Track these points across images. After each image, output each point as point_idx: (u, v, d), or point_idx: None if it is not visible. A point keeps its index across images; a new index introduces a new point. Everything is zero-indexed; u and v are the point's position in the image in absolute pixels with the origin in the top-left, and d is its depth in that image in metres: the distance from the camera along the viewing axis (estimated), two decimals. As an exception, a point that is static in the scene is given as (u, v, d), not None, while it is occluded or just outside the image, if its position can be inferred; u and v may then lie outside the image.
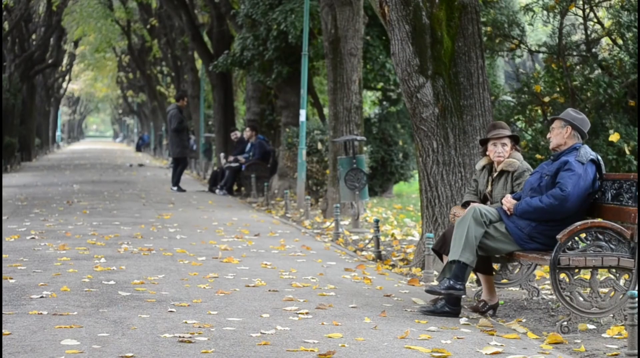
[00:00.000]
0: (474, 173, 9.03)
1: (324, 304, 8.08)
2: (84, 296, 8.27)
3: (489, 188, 8.47)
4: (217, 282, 9.22)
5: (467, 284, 8.97)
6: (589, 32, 12.68)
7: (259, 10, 21.51)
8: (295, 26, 20.28)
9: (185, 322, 7.20)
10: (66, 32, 45.41)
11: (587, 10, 12.55)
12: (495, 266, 8.38)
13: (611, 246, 7.34)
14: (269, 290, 8.79)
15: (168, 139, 29.43)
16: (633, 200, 7.39)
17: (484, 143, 8.57)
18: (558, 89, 12.53)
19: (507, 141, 8.43)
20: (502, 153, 8.39)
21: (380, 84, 23.07)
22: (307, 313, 7.61)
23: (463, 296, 7.92)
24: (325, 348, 6.44)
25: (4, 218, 15.11)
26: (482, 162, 8.61)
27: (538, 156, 12.04)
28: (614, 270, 7.37)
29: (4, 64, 34.81)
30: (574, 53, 12.80)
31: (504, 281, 8.83)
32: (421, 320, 7.62)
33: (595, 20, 12.75)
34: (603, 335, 7.26)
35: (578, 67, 12.78)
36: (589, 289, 7.36)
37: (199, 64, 35.55)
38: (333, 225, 14.15)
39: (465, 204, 8.48)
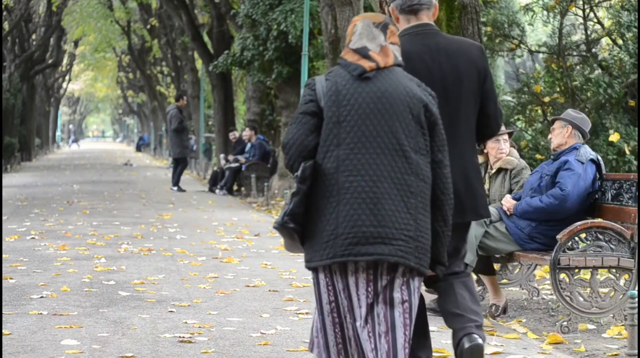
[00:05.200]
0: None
1: (324, 304, 8.07)
2: (84, 296, 8.27)
3: (487, 186, 8.44)
4: (217, 282, 9.22)
5: (467, 284, 8.96)
6: (589, 32, 12.69)
7: (259, 10, 21.51)
8: (295, 26, 20.28)
9: (185, 322, 7.20)
10: (66, 32, 45.43)
11: (587, 10, 12.56)
12: (496, 266, 8.38)
13: (611, 246, 7.34)
14: (269, 290, 8.79)
15: (168, 139, 29.43)
16: (633, 200, 7.39)
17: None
18: (558, 89, 12.53)
19: (507, 136, 8.41)
20: (504, 149, 8.34)
21: (380, 84, 23.05)
22: (307, 313, 7.61)
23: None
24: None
25: (4, 218, 15.11)
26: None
27: (538, 156, 12.04)
28: (614, 270, 7.37)
29: (4, 64, 34.81)
30: (574, 53, 12.81)
31: (504, 281, 8.83)
32: (421, 320, 7.62)
33: (595, 20, 12.76)
34: (603, 335, 7.26)
35: (578, 67, 12.78)
36: (589, 289, 7.36)
37: (199, 64, 35.55)
38: (333, 225, 14.13)
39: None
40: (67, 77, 64.82)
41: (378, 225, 4.25)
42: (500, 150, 8.34)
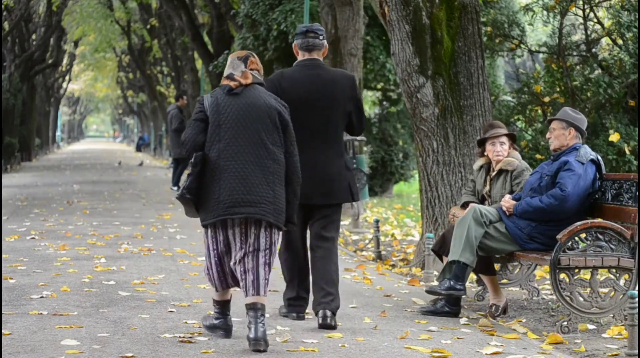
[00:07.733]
0: (470, 173, 8.98)
1: (324, 304, 8.05)
2: (84, 296, 8.27)
3: (487, 187, 8.44)
4: (217, 282, 9.20)
5: (467, 284, 8.97)
6: (589, 32, 12.68)
7: (259, 10, 21.51)
8: (295, 26, 20.27)
9: (185, 322, 7.21)
10: (66, 32, 45.38)
11: (587, 10, 12.55)
12: (496, 266, 8.38)
13: (611, 246, 7.34)
14: (269, 290, 8.75)
15: (169, 139, 29.39)
16: (633, 200, 7.39)
17: (482, 143, 8.53)
18: (558, 89, 12.52)
19: (505, 139, 8.41)
20: (501, 151, 8.37)
21: (380, 84, 23.06)
22: (307, 313, 7.61)
23: (463, 296, 7.92)
24: (326, 348, 6.44)
25: (4, 218, 15.11)
26: (480, 162, 8.58)
27: (538, 156, 12.04)
28: (614, 270, 7.37)
29: (4, 64, 34.80)
30: (574, 53, 12.80)
31: (504, 281, 8.83)
32: (421, 320, 7.62)
33: (595, 20, 12.75)
34: (603, 335, 7.26)
35: (578, 67, 12.77)
36: (589, 289, 7.36)
37: (199, 64, 35.54)
38: (333, 225, 14.11)
39: (464, 205, 8.46)
40: (67, 77, 64.76)
41: (247, 193, 6.29)
42: (497, 152, 8.36)
